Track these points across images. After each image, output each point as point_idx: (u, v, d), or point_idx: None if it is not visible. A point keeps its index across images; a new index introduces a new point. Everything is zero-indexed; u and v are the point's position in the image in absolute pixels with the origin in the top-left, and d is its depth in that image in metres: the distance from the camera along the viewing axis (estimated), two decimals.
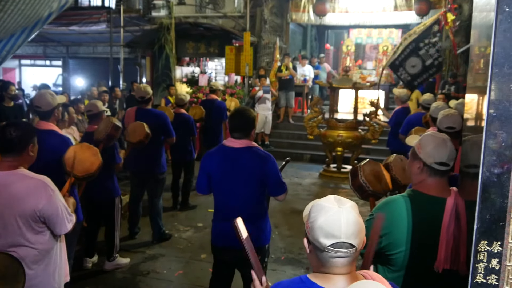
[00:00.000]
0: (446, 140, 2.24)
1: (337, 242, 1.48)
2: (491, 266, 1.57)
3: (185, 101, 7.16)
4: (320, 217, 1.52)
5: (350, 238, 1.49)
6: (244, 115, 3.38)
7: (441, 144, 2.22)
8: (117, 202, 4.97)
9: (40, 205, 2.60)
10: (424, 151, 2.23)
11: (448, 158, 2.20)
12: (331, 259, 1.52)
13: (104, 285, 4.72)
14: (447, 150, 2.20)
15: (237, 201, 3.33)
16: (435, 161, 2.19)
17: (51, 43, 17.95)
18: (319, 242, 1.51)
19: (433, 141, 2.24)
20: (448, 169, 2.22)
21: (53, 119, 3.87)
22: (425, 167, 2.22)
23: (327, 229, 1.49)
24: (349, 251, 1.50)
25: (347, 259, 1.52)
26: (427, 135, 2.34)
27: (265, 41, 12.89)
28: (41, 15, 6.70)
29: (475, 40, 1.92)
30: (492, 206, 1.54)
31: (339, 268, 1.53)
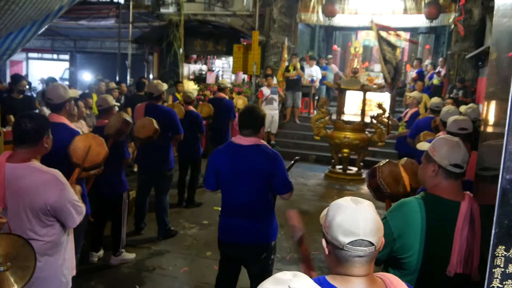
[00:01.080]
0: (459, 142, 2.26)
1: (356, 240, 1.49)
2: (508, 272, 1.57)
3: (192, 98, 7.16)
4: (338, 215, 1.52)
5: (369, 236, 1.49)
6: (254, 112, 3.40)
7: (455, 146, 2.23)
8: (125, 197, 4.98)
9: (51, 199, 2.60)
10: (438, 153, 2.24)
11: (462, 161, 2.21)
12: (350, 258, 1.52)
13: (110, 280, 4.73)
14: (461, 152, 2.21)
15: (244, 197, 3.35)
16: (450, 163, 2.20)
17: (59, 37, 17.99)
18: (338, 240, 1.51)
19: (447, 144, 2.25)
20: (462, 172, 2.22)
21: (64, 112, 3.88)
22: (440, 170, 2.23)
23: (346, 227, 1.49)
24: (368, 249, 1.50)
25: (365, 258, 1.52)
26: (441, 138, 2.35)
27: (274, 40, 12.88)
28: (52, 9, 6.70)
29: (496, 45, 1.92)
30: (511, 212, 1.54)
31: (357, 268, 1.53)
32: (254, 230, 3.39)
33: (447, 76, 12.22)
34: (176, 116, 5.81)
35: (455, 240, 2.10)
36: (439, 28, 15.83)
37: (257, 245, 3.44)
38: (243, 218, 3.38)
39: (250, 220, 3.38)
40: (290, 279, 1.19)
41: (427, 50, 17.85)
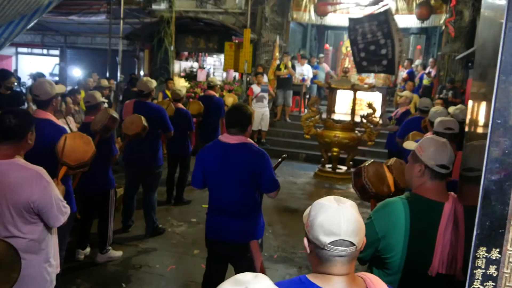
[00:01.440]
0: (446, 143, 2.27)
1: (337, 240, 1.49)
2: (488, 273, 1.57)
3: (181, 96, 7.14)
4: (320, 215, 1.52)
5: (350, 236, 1.49)
6: (241, 111, 3.40)
7: (442, 147, 2.24)
8: (112, 194, 4.95)
9: (34, 196, 2.58)
10: (425, 153, 2.25)
11: (448, 161, 2.22)
12: (331, 258, 1.52)
13: (96, 278, 4.70)
14: (447, 153, 2.22)
15: (231, 196, 3.37)
16: (437, 164, 2.21)
17: (49, 32, 17.84)
18: (319, 240, 1.51)
19: (434, 144, 2.26)
20: (447, 173, 2.23)
21: (51, 109, 3.84)
22: (426, 170, 2.24)
23: (327, 227, 1.50)
24: (349, 249, 1.51)
25: (346, 258, 1.53)
26: (429, 138, 2.37)
27: (265, 38, 12.86)
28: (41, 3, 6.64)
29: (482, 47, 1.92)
30: (493, 213, 1.54)
31: (338, 267, 1.54)
32: (241, 228, 3.40)
33: (437, 77, 12.28)
34: (165, 113, 5.78)
35: (437, 240, 2.11)
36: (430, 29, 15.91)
37: (244, 242, 3.43)
38: (230, 216, 3.40)
39: (237, 218, 3.39)
40: (249, 281, 1.18)
41: (418, 51, 17.92)
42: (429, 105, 6.58)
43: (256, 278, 1.19)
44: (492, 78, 1.51)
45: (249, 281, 1.17)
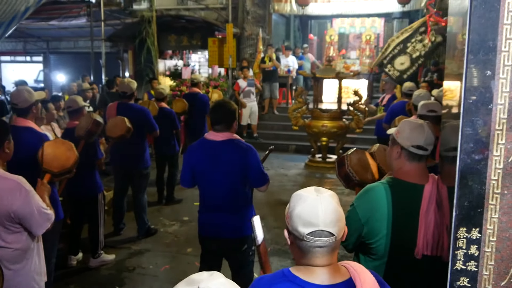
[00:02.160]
0: (423, 125, 2.25)
1: (315, 231, 1.48)
2: (470, 253, 1.57)
3: (164, 94, 7.09)
4: (298, 206, 1.52)
5: (329, 226, 1.48)
6: (225, 107, 3.39)
7: (418, 128, 2.23)
8: (100, 198, 4.92)
9: (14, 206, 2.54)
10: (401, 135, 2.25)
11: (425, 142, 2.20)
12: (311, 249, 1.52)
13: (89, 283, 4.67)
14: (424, 134, 2.21)
15: (221, 192, 3.37)
16: (412, 145, 2.20)
17: (31, 39, 17.66)
18: (298, 231, 1.50)
19: (410, 126, 2.26)
20: (426, 154, 2.22)
21: (31, 116, 3.81)
22: (402, 152, 2.24)
23: (305, 217, 1.49)
24: (328, 240, 1.50)
25: (326, 248, 1.52)
26: (405, 120, 2.37)
27: (248, 32, 12.83)
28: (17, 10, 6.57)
29: (451, 27, 1.92)
30: (470, 193, 1.54)
31: (319, 258, 1.53)
32: (233, 224, 3.41)
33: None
34: (149, 114, 5.75)
35: (420, 222, 2.11)
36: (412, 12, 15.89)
37: (237, 238, 3.46)
38: (221, 212, 3.41)
39: (229, 214, 3.40)
40: (201, 280, 1.16)
41: None
42: (413, 88, 6.59)
43: (210, 276, 1.18)
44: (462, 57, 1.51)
45: (202, 280, 1.16)
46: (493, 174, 1.51)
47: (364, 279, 1.52)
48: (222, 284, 1.16)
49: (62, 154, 3.51)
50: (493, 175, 1.51)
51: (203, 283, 1.13)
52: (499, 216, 1.52)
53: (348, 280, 1.54)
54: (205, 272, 1.20)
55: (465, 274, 1.59)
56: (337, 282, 1.53)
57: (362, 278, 1.52)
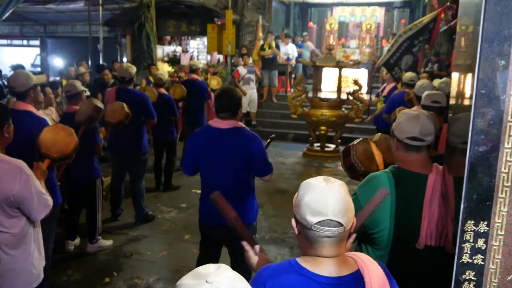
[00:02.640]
0: (418, 115, 2.22)
1: (324, 220, 1.46)
2: (477, 246, 1.55)
3: (164, 80, 7.03)
4: (307, 194, 1.49)
5: (338, 216, 1.46)
6: (230, 95, 3.34)
7: (412, 119, 2.20)
8: (98, 184, 4.89)
9: (14, 190, 2.51)
10: (397, 127, 2.24)
11: (420, 133, 2.17)
12: (319, 239, 1.49)
13: (87, 268, 4.66)
14: (418, 125, 2.17)
15: (225, 181, 3.33)
16: (407, 136, 2.18)
17: (28, 22, 17.47)
18: (306, 220, 1.48)
19: (404, 117, 2.23)
20: (423, 145, 2.19)
21: (30, 100, 3.77)
22: (399, 143, 2.23)
23: (314, 206, 1.46)
24: (337, 230, 1.47)
25: (334, 239, 1.50)
26: (401, 112, 2.34)
27: (248, 19, 12.71)
28: None
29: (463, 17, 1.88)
30: (480, 186, 1.51)
31: (327, 249, 1.51)
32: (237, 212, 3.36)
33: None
34: (149, 99, 5.70)
35: (423, 213, 2.09)
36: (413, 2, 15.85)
37: None
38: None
39: (232, 202, 3.34)
40: (209, 273, 1.12)
41: (402, 25, 17.84)
42: (414, 78, 6.55)
43: (218, 269, 1.14)
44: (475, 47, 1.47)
45: (210, 274, 1.12)
46: (503, 166, 1.48)
47: (373, 271, 1.50)
48: (230, 277, 1.13)
49: (62, 140, 3.48)
50: (504, 167, 1.48)
51: (211, 277, 1.09)
52: (508, 209, 1.50)
53: (356, 272, 1.52)
54: (212, 265, 1.17)
55: (471, 267, 1.56)
56: (344, 274, 1.51)
57: (370, 270, 1.50)
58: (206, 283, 1.08)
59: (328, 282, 1.49)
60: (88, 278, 4.46)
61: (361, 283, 1.49)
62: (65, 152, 3.49)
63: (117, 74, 6.45)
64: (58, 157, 3.46)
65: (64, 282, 4.34)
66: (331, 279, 1.49)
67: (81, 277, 4.48)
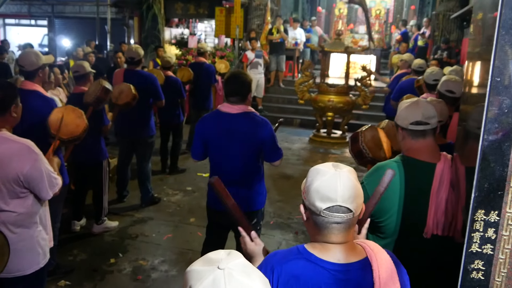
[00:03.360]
0: (418, 101, 2.24)
1: (333, 206, 1.45)
2: (487, 236, 1.54)
3: (171, 63, 7.00)
4: (316, 180, 1.48)
5: (347, 202, 1.45)
6: (240, 79, 3.30)
7: (412, 105, 2.21)
8: (105, 165, 4.90)
9: (24, 169, 2.51)
10: (399, 117, 2.25)
11: (423, 116, 2.17)
12: (328, 225, 1.49)
13: (92, 248, 4.69)
14: (419, 109, 2.18)
15: (235, 166, 3.31)
16: (410, 122, 2.18)
17: (36, 2, 17.47)
18: (315, 205, 1.47)
19: (404, 105, 2.25)
20: (428, 129, 2.18)
21: (38, 80, 3.76)
22: (404, 132, 2.22)
23: (323, 192, 1.46)
24: (346, 215, 1.47)
25: (343, 225, 1.49)
26: (401, 102, 2.36)
27: (256, 2, 12.59)
28: None
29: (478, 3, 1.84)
30: (491, 175, 1.49)
31: (335, 235, 1.50)
32: (245, 197, 3.35)
33: (432, 37, 12.12)
34: (157, 81, 5.67)
35: (430, 202, 2.09)
36: None
37: (248, 211, 3.40)
38: (234, 186, 3.29)
39: (241, 188, 3.33)
40: (220, 259, 1.10)
41: (412, 11, 17.65)
42: (424, 65, 6.48)
43: (229, 256, 1.12)
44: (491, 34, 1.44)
45: (221, 259, 1.10)
46: None
47: (381, 259, 1.50)
48: (242, 264, 1.11)
49: (72, 121, 3.48)
50: None
51: (222, 263, 1.08)
52: None
53: (364, 259, 1.51)
54: (222, 251, 1.15)
55: (480, 257, 1.55)
56: (353, 261, 1.50)
57: (379, 258, 1.49)
58: (217, 269, 1.07)
59: (336, 269, 1.48)
60: (94, 258, 4.49)
61: (369, 270, 1.49)
62: (75, 134, 3.49)
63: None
64: (67, 138, 3.46)
65: (69, 262, 4.37)
66: (339, 265, 1.49)
67: (87, 257, 4.51)
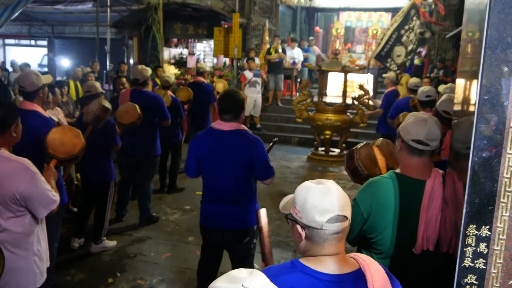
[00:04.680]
0: (427, 120, 2.21)
1: (333, 216, 1.50)
2: (479, 250, 1.56)
3: (170, 82, 7.07)
4: (309, 197, 1.52)
5: (343, 210, 1.51)
6: (233, 97, 3.34)
7: (420, 123, 2.20)
8: (112, 186, 4.95)
9: (20, 188, 2.53)
10: (404, 128, 2.24)
11: (426, 137, 2.17)
12: (329, 237, 1.52)
13: (90, 268, 4.68)
14: (425, 129, 2.17)
15: (226, 183, 3.33)
16: (412, 138, 2.18)
17: (36, 22, 17.62)
18: (316, 221, 1.50)
19: (413, 119, 2.24)
20: (427, 150, 2.19)
21: (38, 100, 3.81)
22: (403, 145, 2.22)
23: (321, 206, 1.50)
24: (344, 224, 1.52)
25: (340, 234, 1.54)
26: (411, 113, 2.36)
27: (254, 23, 12.75)
28: None
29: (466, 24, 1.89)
30: (482, 190, 1.53)
31: (333, 245, 1.54)
32: (236, 215, 3.38)
33: (428, 56, 12.26)
34: (163, 101, 5.75)
35: (420, 218, 2.11)
36: None
37: (239, 229, 3.43)
38: (225, 204, 3.37)
39: (233, 206, 3.36)
40: (244, 277, 1.13)
41: None
42: (419, 84, 6.56)
43: (251, 274, 1.15)
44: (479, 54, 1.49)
45: (244, 278, 1.13)
46: (505, 172, 1.49)
47: (374, 269, 1.53)
48: (265, 283, 1.15)
49: (69, 141, 3.52)
50: (506, 173, 1.49)
51: (246, 282, 1.11)
52: (510, 214, 1.51)
53: (357, 270, 1.55)
54: (244, 269, 1.18)
55: (473, 271, 1.58)
56: (346, 271, 1.53)
57: (372, 268, 1.53)
58: (242, 287, 1.10)
59: (330, 280, 1.51)
60: (92, 278, 4.48)
61: (362, 281, 1.52)
62: (72, 153, 3.52)
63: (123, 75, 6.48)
64: (64, 157, 3.49)
65: (67, 282, 4.36)
66: (333, 276, 1.51)
67: (85, 277, 4.50)
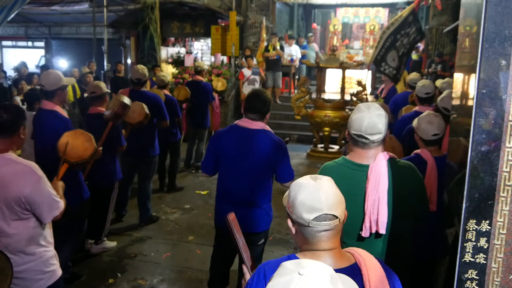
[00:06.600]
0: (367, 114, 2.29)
1: (320, 215, 1.51)
2: (479, 245, 1.56)
3: (166, 82, 7.04)
4: (299, 194, 1.55)
5: (332, 209, 1.52)
6: (262, 97, 3.33)
7: (359, 117, 2.30)
8: (116, 186, 4.94)
9: (25, 191, 2.53)
10: (349, 120, 2.37)
11: (365, 132, 2.27)
12: (317, 234, 1.54)
13: (91, 269, 4.67)
14: (363, 123, 2.27)
15: (246, 184, 3.29)
16: (353, 132, 2.31)
17: (33, 24, 17.58)
18: (303, 218, 1.53)
19: (355, 113, 2.35)
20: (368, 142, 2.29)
21: (57, 100, 3.90)
22: (348, 135, 2.40)
23: (309, 204, 1.52)
24: (333, 222, 1.53)
25: (331, 232, 1.55)
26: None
27: (251, 20, 12.73)
28: None
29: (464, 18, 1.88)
30: (481, 185, 1.52)
31: (325, 242, 1.55)
32: (255, 218, 3.34)
33: (426, 51, 12.24)
34: (162, 101, 5.74)
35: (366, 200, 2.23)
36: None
37: (256, 232, 3.38)
38: (244, 207, 3.30)
39: (251, 208, 3.31)
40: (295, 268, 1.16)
41: None
42: (418, 81, 6.54)
43: (299, 265, 1.17)
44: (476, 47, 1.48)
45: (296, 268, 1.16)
46: (505, 165, 1.49)
47: (370, 263, 1.54)
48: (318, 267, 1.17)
49: (81, 145, 3.52)
50: (505, 166, 1.49)
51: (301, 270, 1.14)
52: (510, 208, 1.51)
53: (353, 265, 1.56)
54: (289, 262, 1.21)
55: (473, 266, 1.57)
56: (342, 266, 1.54)
57: (368, 263, 1.54)
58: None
59: None
60: (92, 279, 4.47)
61: (358, 275, 1.52)
62: (83, 158, 3.53)
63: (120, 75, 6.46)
64: (75, 161, 3.49)
65: (67, 283, 4.35)
66: None
67: (85, 278, 4.48)
